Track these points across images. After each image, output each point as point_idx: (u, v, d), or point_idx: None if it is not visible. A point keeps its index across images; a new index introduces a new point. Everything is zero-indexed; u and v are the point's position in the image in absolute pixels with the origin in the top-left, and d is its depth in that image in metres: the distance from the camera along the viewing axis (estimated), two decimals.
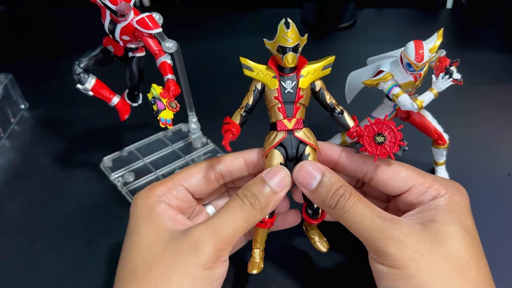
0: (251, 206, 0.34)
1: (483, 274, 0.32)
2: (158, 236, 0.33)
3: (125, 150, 0.57)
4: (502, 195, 0.49)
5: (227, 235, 0.33)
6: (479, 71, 0.70)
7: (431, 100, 0.44)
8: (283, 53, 0.35)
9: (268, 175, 0.35)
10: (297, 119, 0.36)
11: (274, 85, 0.36)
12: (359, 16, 0.90)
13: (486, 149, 0.56)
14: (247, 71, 0.37)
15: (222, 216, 0.34)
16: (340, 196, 0.34)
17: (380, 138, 0.35)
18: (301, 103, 0.37)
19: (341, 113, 0.38)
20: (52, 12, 1.00)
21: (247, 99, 0.37)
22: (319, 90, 0.37)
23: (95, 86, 0.46)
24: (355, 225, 0.33)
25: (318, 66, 0.37)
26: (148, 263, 0.32)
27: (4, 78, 0.65)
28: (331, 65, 0.37)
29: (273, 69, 0.36)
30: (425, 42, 0.41)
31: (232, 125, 0.36)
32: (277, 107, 0.36)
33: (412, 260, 0.31)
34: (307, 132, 0.37)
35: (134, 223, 0.36)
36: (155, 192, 0.37)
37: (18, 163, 0.59)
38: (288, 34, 0.34)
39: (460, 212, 0.34)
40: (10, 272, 0.44)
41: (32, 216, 0.50)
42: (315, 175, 0.35)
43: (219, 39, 0.85)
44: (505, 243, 0.44)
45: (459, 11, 0.92)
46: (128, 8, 0.40)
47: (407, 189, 0.36)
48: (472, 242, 0.33)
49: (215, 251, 0.32)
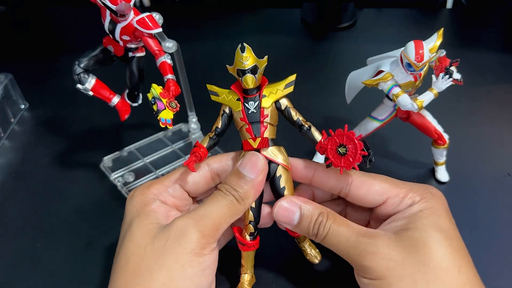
0: (232, 197, 0.35)
1: (465, 274, 0.32)
2: (148, 230, 0.34)
3: (125, 150, 0.57)
4: (502, 195, 0.49)
5: (212, 221, 0.34)
6: (479, 71, 0.70)
7: (431, 100, 0.44)
8: (242, 75, 0.36)
9: (242, 165, 0.36)
10: (263, 138, 0.37)
11: (238, 107, 0.38)
12: (359, 16, 0.90)
13: (486, 149, 0.56)
14: (213, 97, 0.39)
15: (206, 205, 0.35)
16: (319, 224, 0.35)
17: (342, 149, 0.35)
18: (268, 122, 0.37)
19: (309, 129, 0.38)
20: (52, 12, 1.00)
21: (217, 123, 0.39)
22: (285, 108, 0.38)
23: (95, 86, 0.46)
24: (335, 247, 0.35)
25: (280, 85, 0.38)
26: (138, 255, 0.33)
27: (4, 78, 0.65)
28: (293, 83, 0.38)
29: (236, 92, 0.38)
30: (425, 42, 0.41)
31: (198, 147, 0.38)
32: (244, 128, 0.38)
33: (388, 270, 0.32)
34: (276, 150, 0.38)
35: (127, 221, 0.36)
36: (151, 190, 0.38)
37: (18, 163, 0.59)
38: (243, 58, 0.36)
39: (435, 215, 0.34)
40: (10, 272, 0.44)
41: (32, 216, 0.50)
42: (294, 210, 0.36)
43: (219, 39, 0.85)
44: (505, 243, 0.44)
45: (459, 11, 0.92)
46: (128, 8, 0.40)
47: (383, 201, 0.37)
48: (449, 243, 0.33)
49: (201, 236, 0.33)
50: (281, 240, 0.44)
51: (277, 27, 0.90)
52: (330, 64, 0.76)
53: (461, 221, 0.36)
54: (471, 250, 0.34)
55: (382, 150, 0.56)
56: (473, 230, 0.45)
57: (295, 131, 0.39)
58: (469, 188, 0.50)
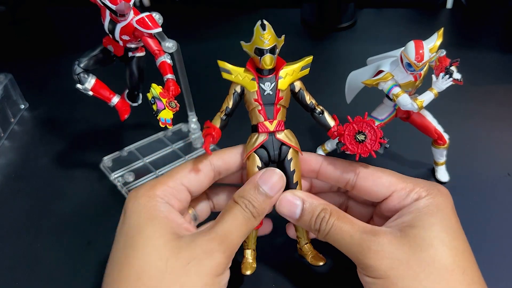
0: (250, 214, 0.34)
1: (470, 275, 0.31)
2: (168, 240, 0.32)
3: (125, 150, 0.57)
4: (502, 195, 0.49)
5: (234, 242, 0.34)
6: (479, 71, 0.70)
7: (431, 100, 0.44)
8: (261, 55, 0.35)
9: (262, 180, 0.35)
10: (279, 121, 0.36)
11: (253, 87, 0.36)
12: (359, 16, 0.90)
13: (486, 149, 0.56)
14: (225, 74, 0.37)
15: (228, 224, 0.34)
16: (321, 219, 0.35)
17: (361, 137, 0.35)
18: (281, 104, 0.36)
19: (322, 113, 0.37)
20: (52, 12, 1.00)
21: (227, 102, 0.37)
22: (299, 91, 0.37)
23: (95, 86, 0.46)
24: (338, 243, 0.34)
25: (296, 66, 0.37)
26: (158, 268, 0.31)
27: (4, 78, 0.65)
28: (309, 65, 0.37)
29: (252, 71, 0.36)
30: (425, 42, 0.41)
31: (212, 129, 0.36)
32: (257, 109, 0.36)
33: (392, 269, 0.31)
34: (289, 134, 0.37)
35: (135, 225, 0.33)
36: (156, 192, 0.35)
37: (18, 163, 0.59)
38: (264, 36, 0.34)
39: (441, 214, 0.34)
40: (10, 272, 0.44)
41: (32, 216, 0.50)
42: (296, 203, 0.36)
43: (219, 39, 0.85)
44: (505, 243, 0.44)
45: (459, 11, 0.92)
46: (128, 8, 0.40)
47: (389, 195, 0.36)
48: (455, 243, 0.32)
49: (224, 258, 0.33)
50: (281, 240, 0.44)
51: (277, 27, 0.89)
52: (330, 64, 0.76)
53: (461, 221, 0.35)
54: (472, 250, 0.34)
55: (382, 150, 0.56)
56: (473, 230, 0.45)
57: (296, 121, 0.38)
58: (469, 188, 0.50)
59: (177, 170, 0.37)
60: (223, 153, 0.38)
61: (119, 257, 0.33)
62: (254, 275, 0.40)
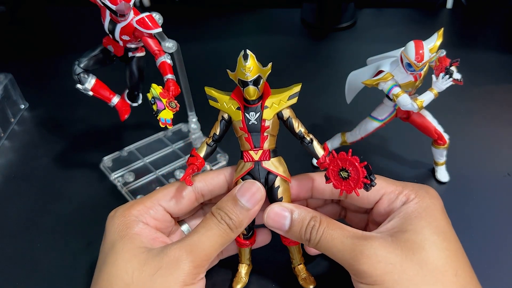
0: (226, 226, 0.34)
1: (462, 276, 0.31)
2: (135, 254, 0.33)
3: (125, 150, 0.57)
4: (502, 195, 0.49)
5: (204, 252, 0.33)
6: (479, 71, 0.70)
7: (431, 100, 0.44)
8: (244, 86, 0.34)
9: (240, 192, 0.35)
10: (264, 150, 0.36)
11: (238, 117, 0.36)
12: (359, 16, 0.90)
13: (486, 149, 0.56)
14: (212, 102, 0.37)
15: (199, 234, 0.34)
16: (311, 228, 0.34)
17: (344, 174, 0.34)
18: (268, 132, 0.36)
19: (311, 142, 0.36)
20: (52, 12, 1.00)
21: (215, 129, 0.37)
22: (287, 119, 0.36)
23: (95, 86, 0.46)
24: (329, 251, 0.34)
25: (283, 96, 0.36)
26: (124, 281, 0.32)
27: (4, 78, 0.65)
28: (297, 94, 0.36)
29: (236, 100, 0.36)
30: (425, 42, 0.41)
31: (195, 158, 0.37)
32: (244, 137, 0.36)
33: (386, 273, 0.31)
34: (276, 162, 0.37)
35: (109, 242, 0.35)
36: (133, 211, 0.36)
37: (18, 163, 0.59)
38: (246, 68, 0.33)
39: (430, 216, 0.34)
40: (10, 272, 0.44)
41: (32, 216, 0.50)
42: (284, 214, 0.36)
43: (219, 39, 0.85)
44: (506, 243, 0.44)
45: (459, 11, 0.92)
46: (128, 8, 0.40)
47: (379, 198, 0.37)
48: (446, 245, 0.32)
49: (193, 268, 0.33)
50: (281, 240, 0.44)
51: (277, 27, 0.90)
52: (330, 64, 0.76)
53: (461, 221, 0.36)
54: (471, 250, 0.34)
55: (382, 150, 0.56)
56: (473, 230, 0.45)
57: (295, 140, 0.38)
58: (469, 188, 0.50)
59: (158, 191, 0.38)
60: (207, 175, 0.39)
61: (96, 273, 0.34)
62: (255, 278, 0.40)
